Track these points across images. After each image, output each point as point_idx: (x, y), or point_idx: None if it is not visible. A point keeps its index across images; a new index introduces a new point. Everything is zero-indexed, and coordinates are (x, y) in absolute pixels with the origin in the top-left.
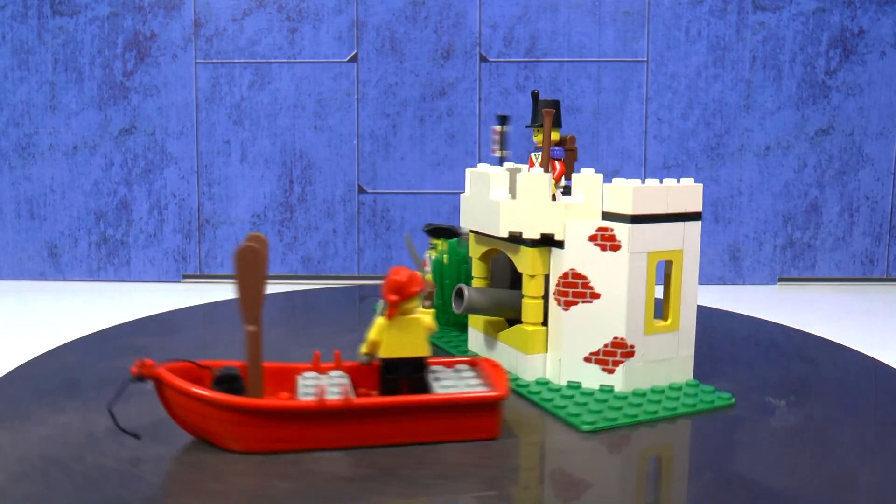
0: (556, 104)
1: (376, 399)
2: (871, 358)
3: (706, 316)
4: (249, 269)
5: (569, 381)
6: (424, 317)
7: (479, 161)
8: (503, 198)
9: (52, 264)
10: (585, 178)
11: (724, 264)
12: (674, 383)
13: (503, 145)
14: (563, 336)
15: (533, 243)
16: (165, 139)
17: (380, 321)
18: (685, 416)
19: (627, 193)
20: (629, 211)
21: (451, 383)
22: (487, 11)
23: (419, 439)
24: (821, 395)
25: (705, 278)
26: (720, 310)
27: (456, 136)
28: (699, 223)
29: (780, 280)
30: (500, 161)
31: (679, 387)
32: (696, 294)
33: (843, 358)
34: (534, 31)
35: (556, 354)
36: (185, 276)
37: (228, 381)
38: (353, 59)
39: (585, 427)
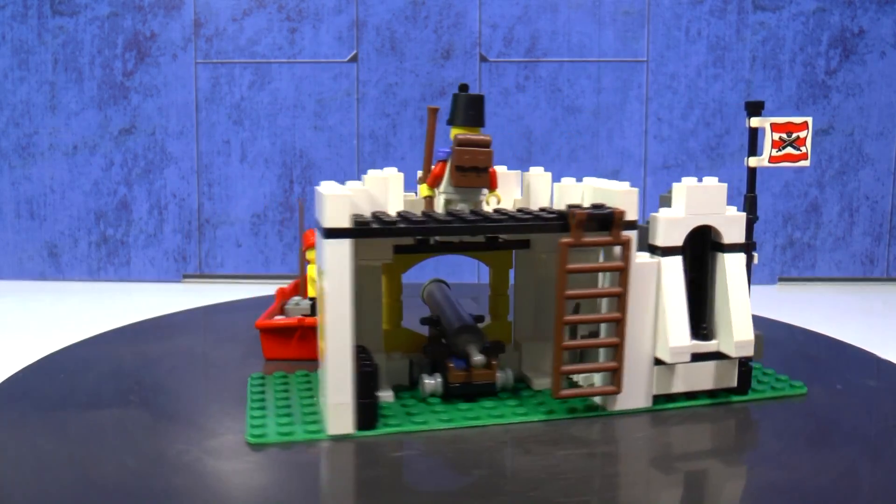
0: (471, 99)
1: None
2: (873, 355)
3: None
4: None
5: None
6: None
7: None
8: None
9: (52, 264)
10: None
11: None
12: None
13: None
14: None
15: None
16: (165, 139)
17: None
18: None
19: None
20: None
21: None
22: (487, 11)
23: None
24: (823, 394)
25: None
26: None
27: None
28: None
29: (780, 280)
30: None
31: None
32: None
33: (846, 355)
34: (534, 31)
35: None
36: (185, 276)
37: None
38: (353, 59)
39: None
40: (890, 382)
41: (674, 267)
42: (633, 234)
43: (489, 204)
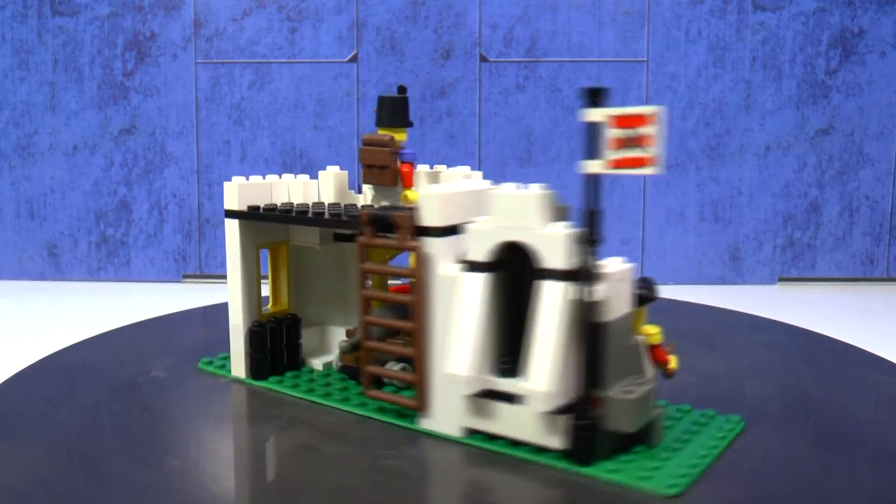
0: (392, 101)
1: None
2: (873, 354)
3: (706, 314)
4: None
5: None
6: None
7: (480, 162)
8: None
9: (52, 264)
10: None
11: (724, 264)
12: None
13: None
14: None
15: None
16: (165, 139)
17: None
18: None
19: None
20: None
21: None
22: (487, 11)
23: None
24: (823, 393)
25: (705, 278)
26: (720, 308)
27: (456, 136)
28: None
29: (780, 280)
30: None
31: None
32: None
33: (847, 355)
34: (534, 31)
35: None
36: (185, 276)
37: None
38: (353, 59)
39: None
40: (890, 383)
41: (474, 285)
42: (433, 241)
43: (402, 201)
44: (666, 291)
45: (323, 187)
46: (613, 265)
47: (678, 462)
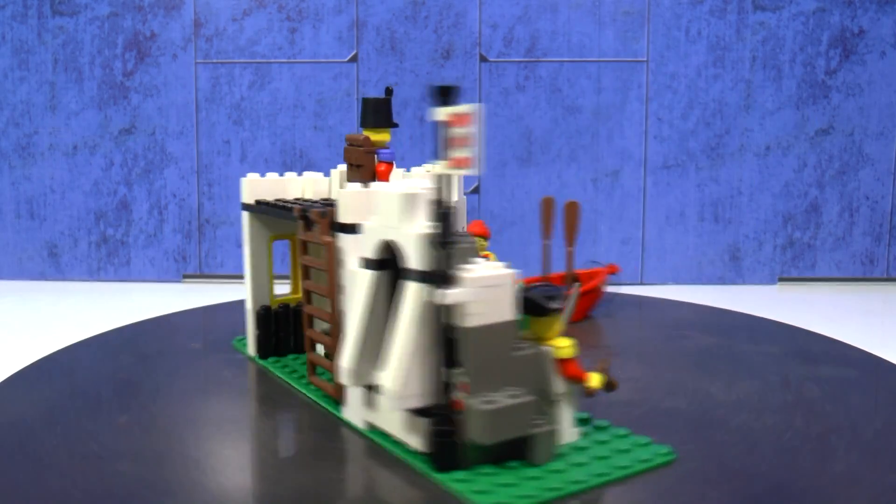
0: (375, 103)
1: None
2: (872, 354)
3: (707, 315)
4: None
5: None
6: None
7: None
8: None
9: (52, 264)
10: None
11: (724, 264)
12: None
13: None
14: None
15: None
16: (165, 139)
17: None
18: None
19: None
20: None
21: None
22: (487, 11)
23: None
24: (822, 392)
25: (705, 278)
26: (720, 308)
27: None
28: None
29: (780, 280)
30: None
31: None
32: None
33: (846, 355)
34: (534, 31)
35: None
36: (185, 276)
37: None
38: (353, 59)
39: None
40: (890, 383)
41: (361, 281)
42: (344, 237)
43: None
44: (666, 291)
45: (333, 185)
46: (487, 269)
47: (539, 485)
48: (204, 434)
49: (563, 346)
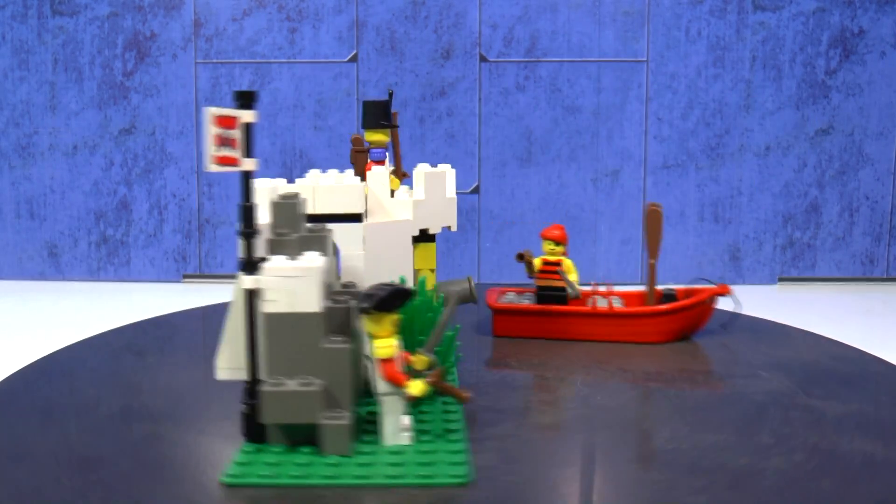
0: (373, 105)
1: None
2: (872, 356)
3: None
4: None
5: None
6: None
7: (480, 162)
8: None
9: (52, 264)
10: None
11: (724, 264)
12: None
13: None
14: None
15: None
16: (165, 139)
17: None
18: None
19: None
20: None
21: None
22: (487, 11)
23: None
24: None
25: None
26: (720, 308)
27: (456, 137)
28: None
29: (780, 280)
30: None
31: None
32: None
33: (846, 356)
34: (534, 31)
35: None
36: (185, 276)
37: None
38: (353, 59)
39: None
40: (890, 383)
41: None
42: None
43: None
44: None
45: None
46: (295, 261)
47: (300, 471)
48: (204, 434)
49: (383, 346)
